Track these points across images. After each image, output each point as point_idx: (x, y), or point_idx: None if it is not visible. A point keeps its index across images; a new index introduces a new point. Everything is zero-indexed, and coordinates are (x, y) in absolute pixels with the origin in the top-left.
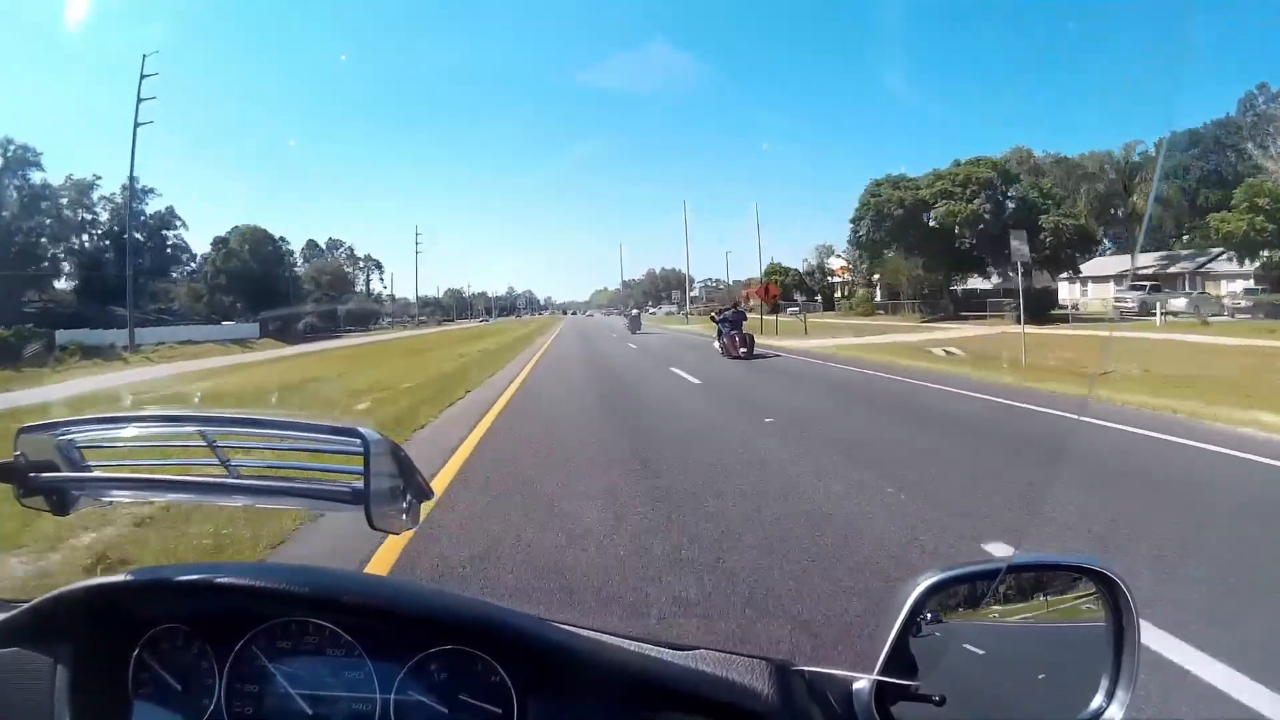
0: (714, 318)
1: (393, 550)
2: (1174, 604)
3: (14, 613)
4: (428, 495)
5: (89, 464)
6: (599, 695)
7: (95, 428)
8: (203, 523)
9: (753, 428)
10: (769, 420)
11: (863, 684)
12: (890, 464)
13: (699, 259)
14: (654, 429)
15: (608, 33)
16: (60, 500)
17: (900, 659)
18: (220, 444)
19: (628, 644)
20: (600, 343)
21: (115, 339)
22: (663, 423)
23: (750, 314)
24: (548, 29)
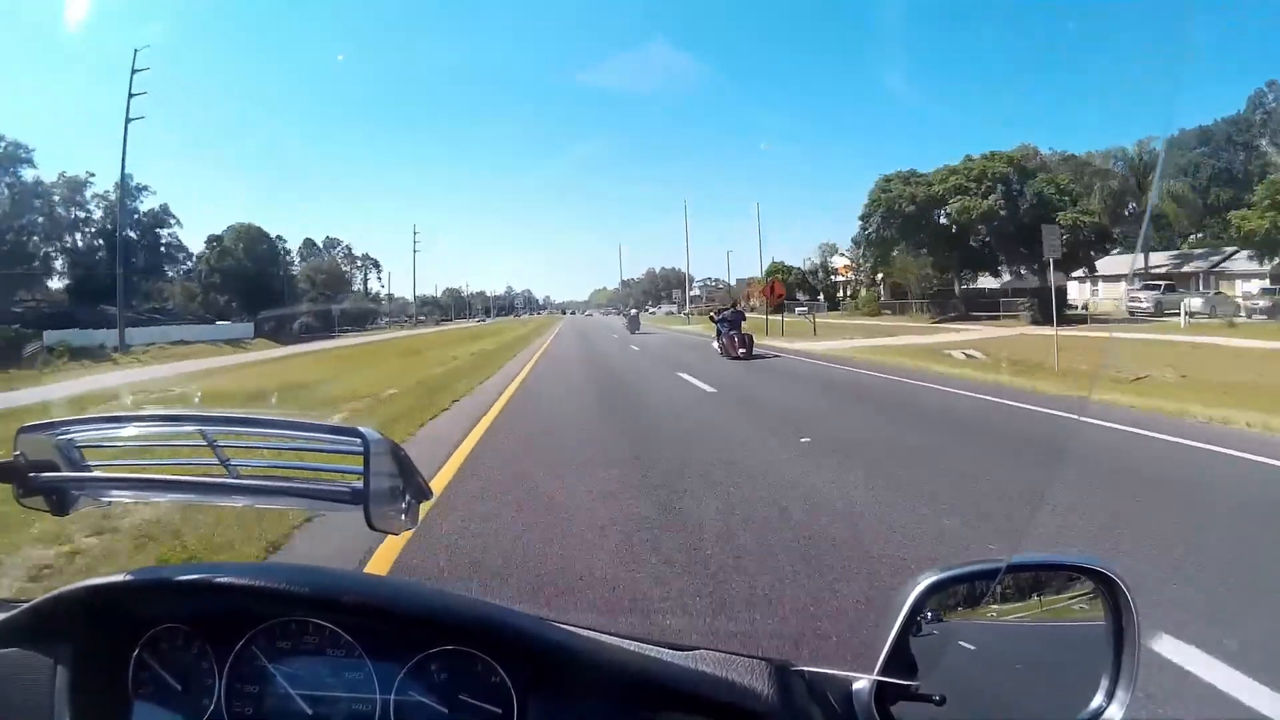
0: (713, 317)
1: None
2: None
3: (14, 613)
4: (427, 495)
5: (89, 464)
6: (599, 695)
7: (95, 427)
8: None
9: (789, 453)
10: (805, 440)
11: (863, 684)
12: (998, 515)
13: (699, 258)
14: (670, 454)
15: (608, 33)
16: (60, 500)
17: (900, 659)
18: (220, 444)
19: (628, 644)
20: (600, 343)
21: (105, 339)
22: (682, 446)
23: (752, 313)
24: (548, 29)
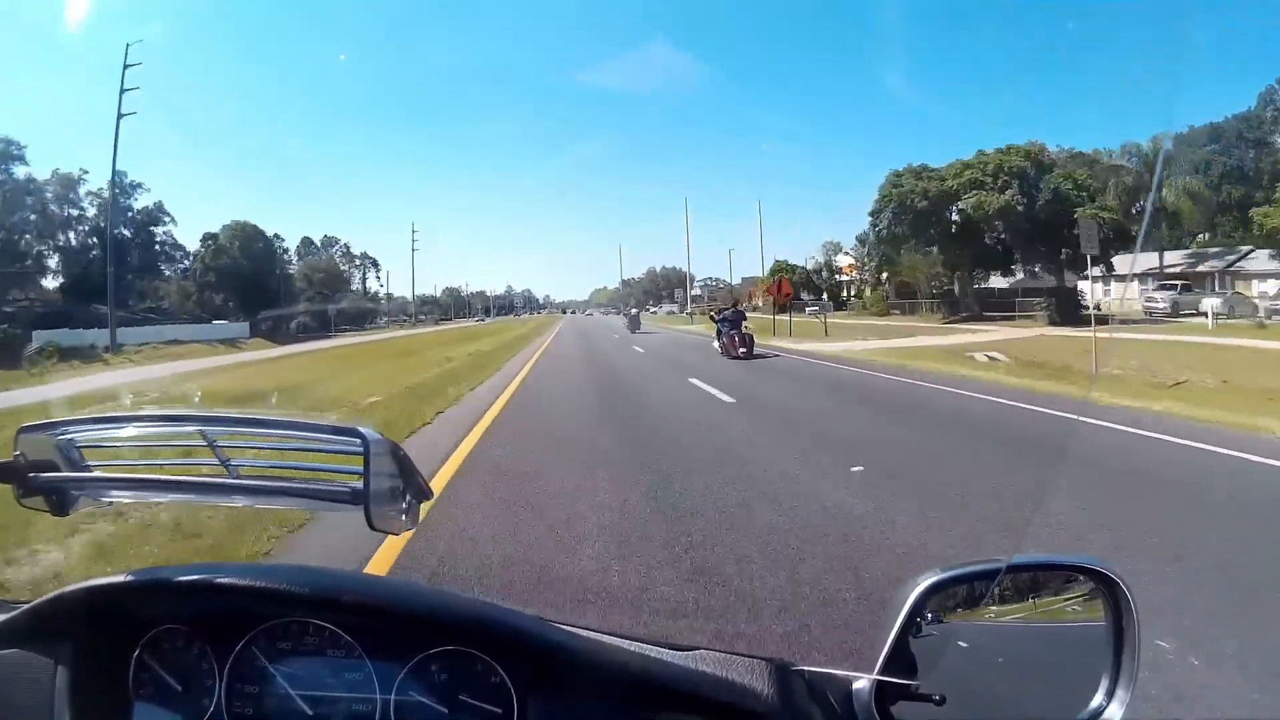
0: (714, 317)
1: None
2: None
3: (14, 614)
4: (427, 495)
5: (89, 464)
6: (599, 695)
7: (95, 427)
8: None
9: (845, 488)
10: (857, 469)
11: (863, 684)
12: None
13: (700, 258)
14: (698, 493)
15: (608, 33)
16: (60, 500)
17: (900, 659)
18: (220, 444)
19: (628, 644)
20: (601, 344)
21: (97, 339)
22: (710, 480)
23: (755, 312)
24: (548, 29)
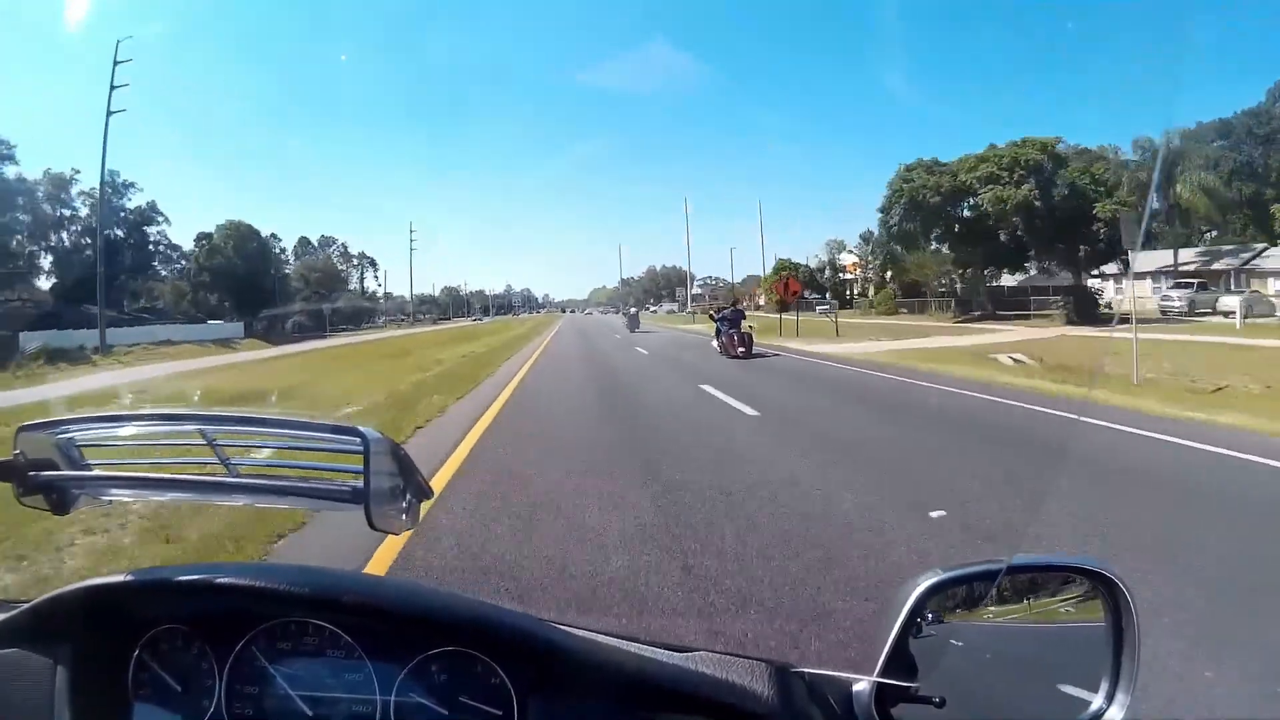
0: (713, 316)
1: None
2: None
3: (14, 613)
4: (427, 494)
5: (89, 462)
6: (599, 697)
7: (95, 426)
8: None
9: (932, 539)
10: (938, 515)
11: (863, 685)
12: None
13: (700, 257)
14: (732, 551)
15: (608, 33)
16: (60, 499)
17: (900, 660)
18: (220, 443)
19: (627, 645)
20: (602, 344)
21: (87, 340)
22: (746, 532)
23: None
24: (548, 29)
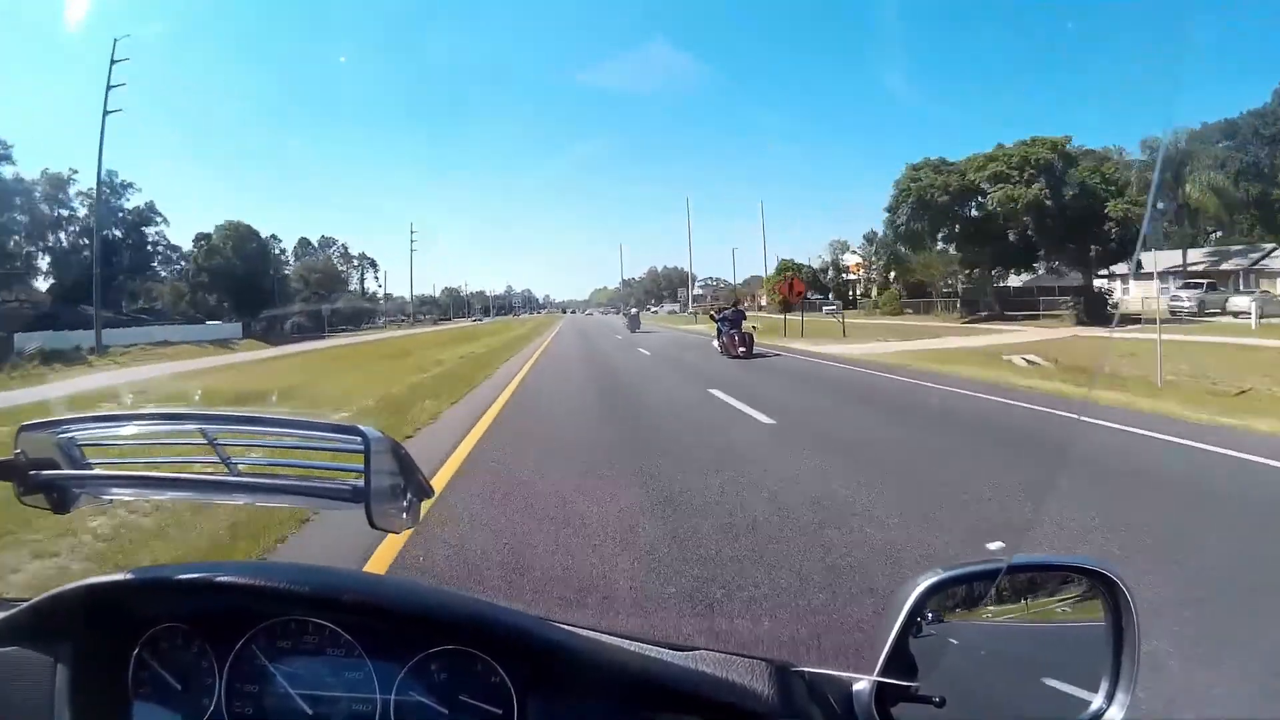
0: (713, 316)
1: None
2: None
3: (14, 611)
4: (428, 493)
5: (90, 462)
6: (599, 695)
7: (96, 425)
8: None
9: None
10: (995, 547)
11: (863, 685)
12: None
13: (701, 257)
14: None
15: (608, 33)
16: (60, 498)
17: (900, 660)
18: (221, 442)
19: (628, 644)
20: (603, 345)
21: (83, 340)
22: (776, 564)
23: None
24: (548, 29)
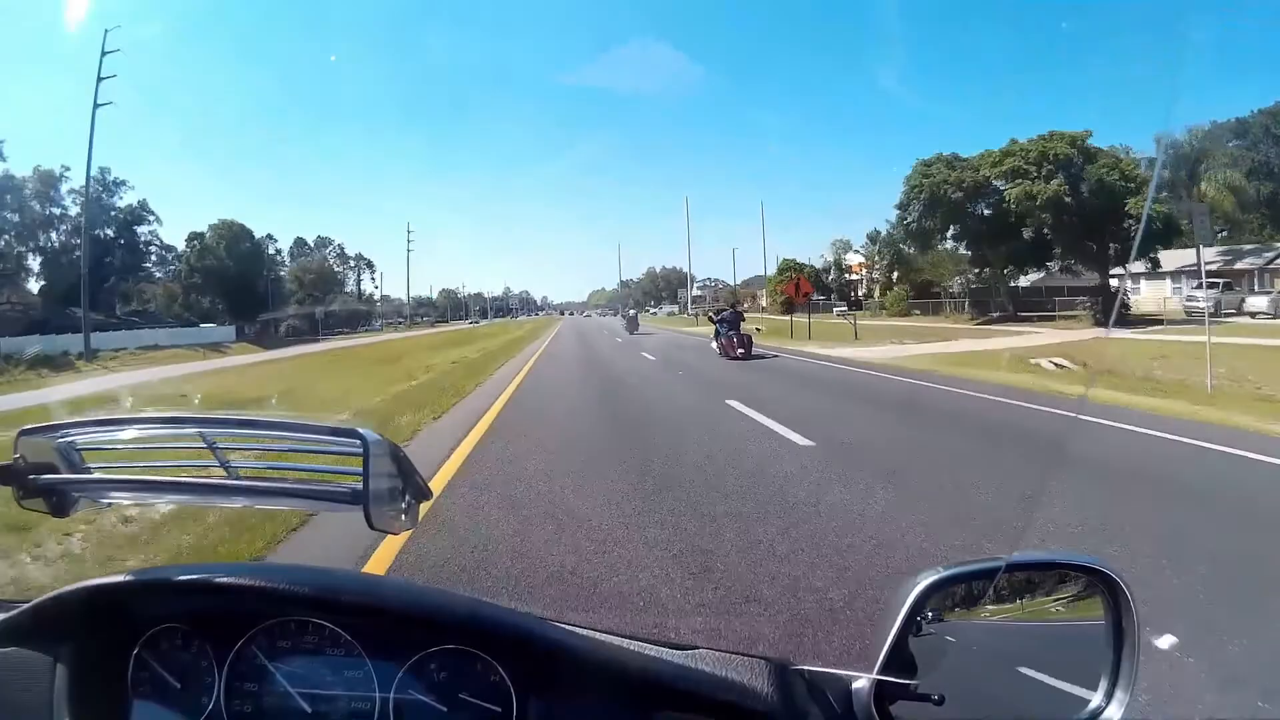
0: (712, 318)
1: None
2: None
3: (14, 613)
4: (426, 495)
5: (89, 466)
6: (599, 694)
7: (95, 430)
8: None
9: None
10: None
11: (862, 683)
12: None
13: (701, 259)
14: None
15: (608, 33)
16: (60, 502)
17: (900, 658)
18: (220, 445)
19: (627, 643)
20: (604, 347)
21: (71, 344)
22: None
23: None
24: (547, 29)
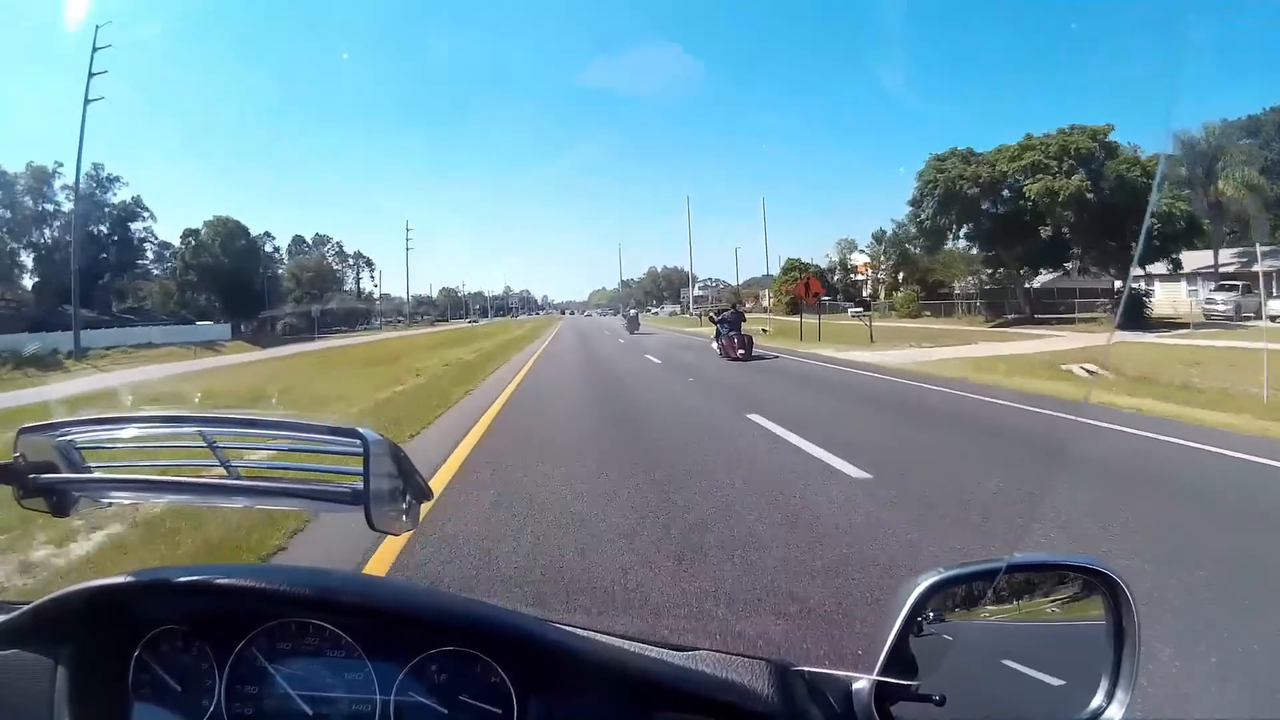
0: (713, 318)
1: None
2: None
3: (15, 614)
4: (427, 496)
5: (89, 465)
6: (599, 696)
7: (95, 429)
8: None
9: None
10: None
11: (863, 684)
12: None
13: (702, 258)
14: None
15: (609, 33)
16: (60, 501)
17: (900, 659)
18: (220, 445)
19: (627, 644)
20: (605, 349)
21: (62, 343)
22: None
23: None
24: (548, 29)
